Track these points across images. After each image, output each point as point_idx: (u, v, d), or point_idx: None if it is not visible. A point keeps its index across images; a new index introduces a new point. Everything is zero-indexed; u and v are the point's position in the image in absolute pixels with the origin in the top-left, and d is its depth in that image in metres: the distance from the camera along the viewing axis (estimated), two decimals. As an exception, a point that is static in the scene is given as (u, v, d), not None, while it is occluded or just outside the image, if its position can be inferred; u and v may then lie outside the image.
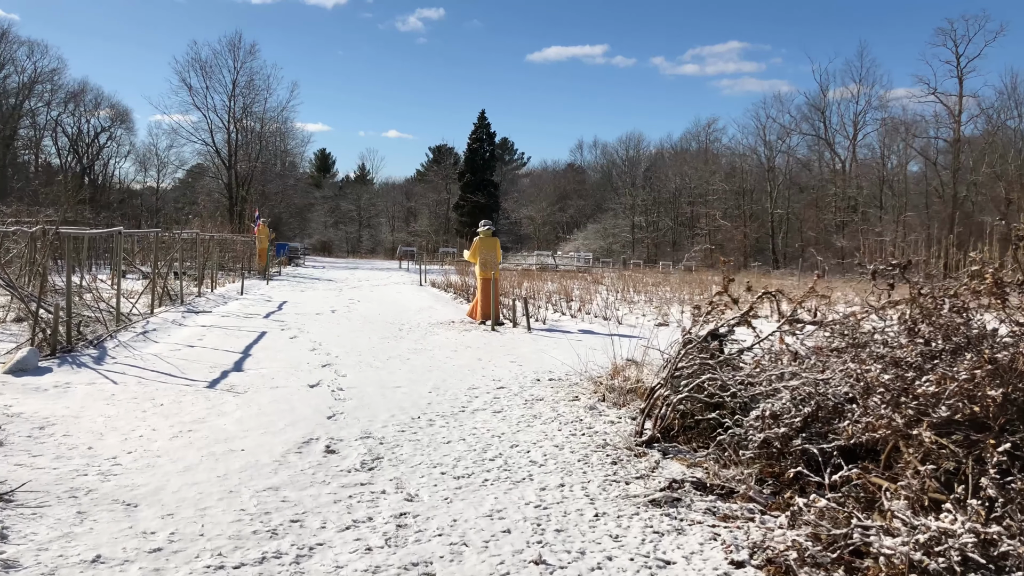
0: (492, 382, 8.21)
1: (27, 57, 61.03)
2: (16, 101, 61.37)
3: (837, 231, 52.11)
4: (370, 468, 5.11)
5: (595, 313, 15.39)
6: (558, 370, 8.95)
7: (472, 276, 25.17)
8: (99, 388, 7.23)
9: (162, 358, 9.00)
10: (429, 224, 79.19)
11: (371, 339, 11.46)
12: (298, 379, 8.10)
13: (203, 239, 20.33)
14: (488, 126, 76.49)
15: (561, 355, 10.09)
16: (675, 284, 23.79)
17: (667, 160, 77.21)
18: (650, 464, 5.23)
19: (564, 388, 7.81)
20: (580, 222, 79.21)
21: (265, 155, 61.88)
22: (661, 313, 15.61)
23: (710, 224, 64.64)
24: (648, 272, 40.28)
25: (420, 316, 15.03)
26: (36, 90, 62.57)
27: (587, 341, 11.58)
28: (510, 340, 11.56)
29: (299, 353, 9.88)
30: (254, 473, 4.90)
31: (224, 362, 8.93)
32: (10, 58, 59.80)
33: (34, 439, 5.44)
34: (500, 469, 5.15)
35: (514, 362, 9.54)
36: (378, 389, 7.69)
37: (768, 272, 44.73)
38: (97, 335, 9.62)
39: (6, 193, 43.80)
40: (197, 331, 11.65)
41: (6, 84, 60.38)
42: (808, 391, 4.77)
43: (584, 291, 20.24)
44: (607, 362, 8.97)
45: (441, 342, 11.33)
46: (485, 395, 7.54)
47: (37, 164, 65.76)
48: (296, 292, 21.39)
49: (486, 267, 13.62)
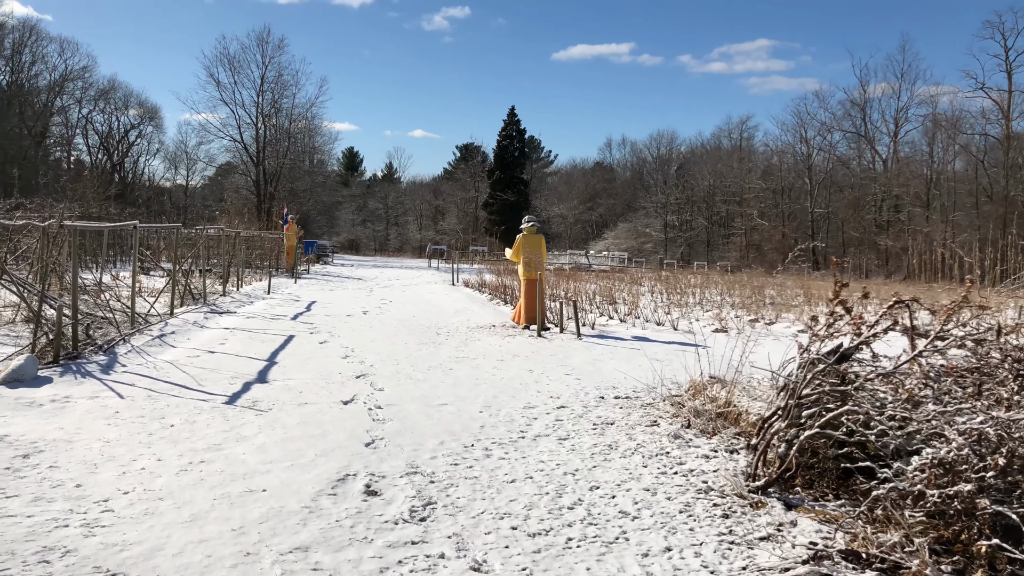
0: (550, 399, 7.15)
1: (58, 55, 61.05)
2: (47, 99, 61.40)
3: (881, 231, 50.30)
4: (421, 518, 4.08)
5: (645, 317, 14.26)
6: (622, 385, 7.87)
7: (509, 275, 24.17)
8: (102, 403, 6.27)
9: (178, 366, 8.04)
10: (457, 222, 78.26)
11: (407, 345, 10.45)
12: (329, 393, 7.10)
13: (229, 236, 19.46)
14: (518, 123, 75.31)
15: (620, 366, 9.00)
16: (723, 285, 22.57)
17: (700, 158, 75.64)
18: (773, 519, 4.14)
19: (636, 409, 6.73)
20: (610, 221, 77.88)
21: (293, 152, 61.25)
22: (717, 318, 14.45)
23: (746, 223, 62.95)
24: (684, 272, 38.99)
25: (457, 319, 14.00)
26: (67, 88, 62.63)
27: (645, 350, 10.48)
28: (560, 348, 10.49)
29: (330, 361, 8.89)
30: (278, 525, 3.89)
31: (247, 371, 7.96)
32: (41, 55, 59.79)
33: (13, 472, 4.48)
34: (584, 523, 4.09)
35: (570, 375, 8.47)
36: (421, 407, 6.66)
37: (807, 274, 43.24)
38: (108, 339, 8.70)
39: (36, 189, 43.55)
40: (219, 334, 10.72)
41: (37, 82, 60.43)
42: (994, 433, 3.66)
43: (627, 293, 19.10)
44: (675, 374, 7.90)
45: (484, 349, 10.29)
46: (545, 416, 6.48)
47: (69, 161, 65.83)
48: (325, 291, 20.49)
49: (530, 267, 12.54)
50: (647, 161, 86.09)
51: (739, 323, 14.00)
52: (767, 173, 66.69)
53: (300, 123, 61.23)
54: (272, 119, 59.34)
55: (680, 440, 5.68)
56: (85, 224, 9.47)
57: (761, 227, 61.56)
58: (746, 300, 18.59)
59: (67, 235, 8.18)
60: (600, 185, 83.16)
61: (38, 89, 60.25)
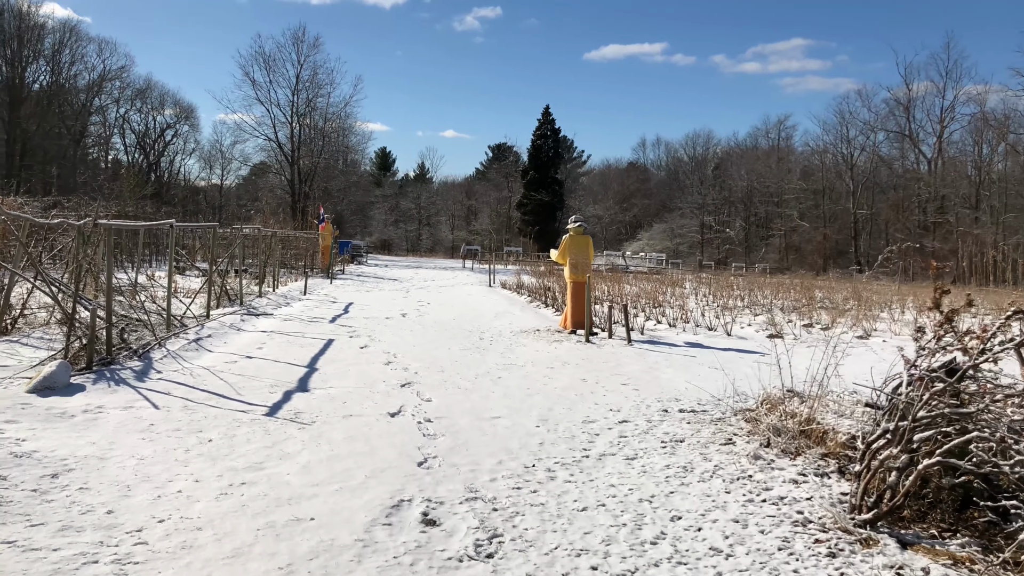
0: (610, 413, 6.66)
1: (96, 55, 61.71)
2: (86, 98, 62.12)
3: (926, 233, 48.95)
4: (488, 554, 3.63)
5: (695, 322, 13.69)
6: (685, 396, 7.35)
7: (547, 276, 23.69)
8: (136, 414, 5.90)
9: (215, 373, 7.68)
10: (490, 223, 77.90)
11: (451, 350, 10.02)
12: (375, 404, 6.67)
13: (265, 235, 19.21)
14: (552, 122, 74.58)
15: (679, 376, 8.48)
16: (768, 287, 21.88)
17: (736, 158, 74.49)
18: (889, 561, 3.62)
19: (706, 425, 6.21)
20: (644, 222, 77.04)
21: (328, 151, 61.27)
22: (769, 322, 13.84)
23: (786, 224, 61.73)
24: (723, 274, 38.19)
25: (499, 323, 13.55)
26: (105, 87, 63.32)
27: (701, 357, 9.95)
28: (611, 355, 9.99)
29: (373, 367, 8.48)
30: (330, 563, 3.45)
31: (287, 378, 7.57)
32: (80, 55, 60.47)
33: (40, 495, 4.10)
34: (673, 562, 3.61)
35: (627, 384, 7.97)
36: (473, 420, 6.21)
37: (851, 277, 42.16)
38: (143, 343, 8.36)
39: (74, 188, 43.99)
40: (256, 338, 10.38)
41: (76, 82, 61.15)
42: None
43: (672, 295, 18.51)
44: (739, 384, 7.34)
45: (531, 355, 9.82)
46: (607, 432, 6.00)
47: (107, 161, 66.59)
48: (362, 292, 20.17)
49: (577, 270, 12.03)
50: (683, 161, 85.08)
51: (792, 327, 13.37)
52: (806, 173, 65.40)
53: (334, 122, 61.24)
54: (307, 118, 59.44)
55: (761, 461, 5.16)
56: (121, 223, 9.16)
57: (801, 228, 60.32)
58: (797, 303, 17.92)
59: (102, 234, 7.85)
60: (634, 185, 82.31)
61: (77, 89, 60.94)
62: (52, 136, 55.37)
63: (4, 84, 52.50)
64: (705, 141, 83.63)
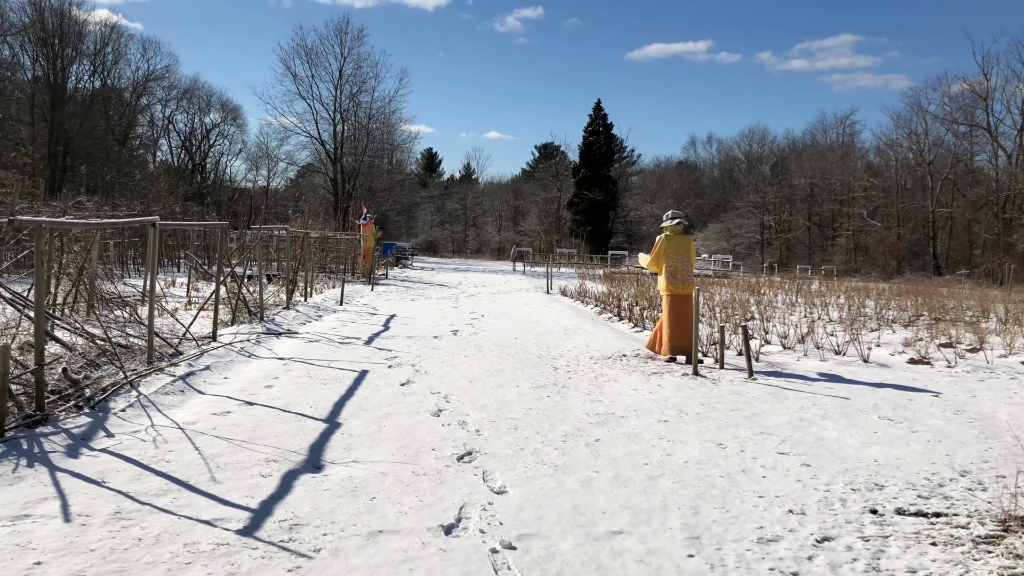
0: (791, 519, 4.15)
1: (140, 55, 60.80)
2: (131, 99, 61.24)
3: (1012, 231, 44.98)
4: None
5: (815, 342, 11.00)
6: (886, 479, 4.82)
7: (614, 282, 21.15)
8: (24, 536, 3.57)
9: (192, 434, 5.36)
10: (539, 223, 75.28)
11: (520, 389, 7.58)
12: (419, 500, 4.26)
13: (296, 237, 16.96)
14: (604, 117, 71.46)
15: (848, 436, 5.93)
16: (869, 295, 18.99)
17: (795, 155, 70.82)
18: None
19: (970, 551, 3.66)
20: (697, 222, 73.72)
21: (372, 149, 59.20)
22: (906, 343, 11.13)
23: (853, 224, 57.94)
24: (792, 276, 35.09)
25: (571, 343, 11.08)
26: (149, 88, 62.41)
27: (856, 399, 7.35)
28: (737, 398, 7.44)
29: (417, 421, 6.09)
30: None
31: (293, 445, 5.21)
32: (124, 55, 59.53)
33: None
34: None
35: (786, 455, 5.43)
36: (581, 543, 3.76)
37: (929, 279, 38.75)
38: (101, 387, 6.08)
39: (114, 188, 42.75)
40: (269, 368, 8.08)
41: (121, 82, 60.27)
42: None
43: (766, 305, 15.81)
44: (954, 455, 4.68)
45: (630, 399, 7.32)
46: (806, 564, 3.49)
47: (154, 161, 65.77)
48: (405, 302, 17.85)
49: (676, 279, 9.45)
50: (738, 159, 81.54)
51: (933, 349, 10.63)
52: (875, 171, 61.49)
53: (379, 118, 59.15)
54: (351, 114, 57.51)
55: None
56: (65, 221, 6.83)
57: (871, 228, 56.54)
58: (914, 315, 15.06)
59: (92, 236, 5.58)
60: (687, 184, 79.03)
61: (121, 89, 60.06)
62: (95, 136, 54.35)
63: (46, 84, 51.55)
64: (761, 138, 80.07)
